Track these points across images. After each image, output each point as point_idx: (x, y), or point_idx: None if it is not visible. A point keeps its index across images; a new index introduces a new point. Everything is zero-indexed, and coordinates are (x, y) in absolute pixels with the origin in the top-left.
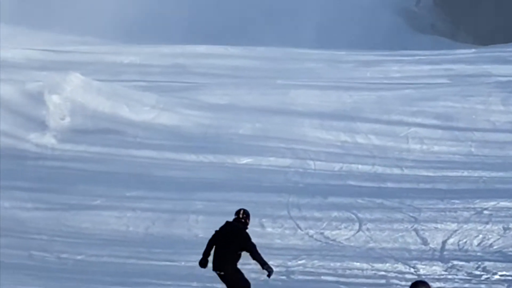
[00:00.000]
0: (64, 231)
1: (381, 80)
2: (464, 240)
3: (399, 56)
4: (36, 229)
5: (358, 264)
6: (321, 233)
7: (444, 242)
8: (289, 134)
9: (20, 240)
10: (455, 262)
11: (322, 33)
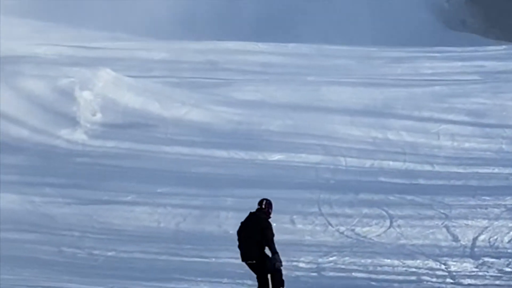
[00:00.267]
0: (95, 227)
1: (412, 77)
2: (495, 237)
3: (430, 53)
4: (67, 225)
5: (389, 261)
6: (352, 230)
7: (475, 239)
8: (320, 131)
9: (51, 236)
10: (486, 259)
11: (353, 30)
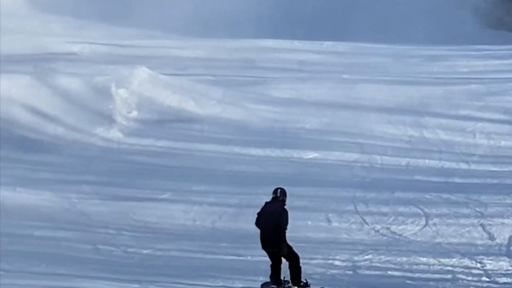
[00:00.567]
0: (131, 225)
1: (449, 75)
2: None
3: (467, 51)
4: (103, 223)
5: (425, 259)
6: (388, 228)
7: (511, 237)
8: (356, 129)
9: (87, 234)
10: None
11: (389, 28)
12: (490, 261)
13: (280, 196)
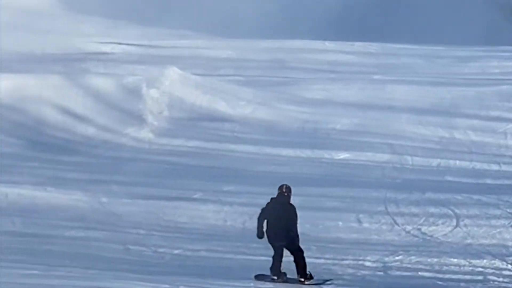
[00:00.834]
0: (162, 225)
1: (480, 76)
2: None
3: (498, 52)
4: (133, 223)
5: (455, 260)
6: (419, 229)
7: None
8: (387, 129)
9: (117, 234)
10: None
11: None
12: None
13: (286, 192)
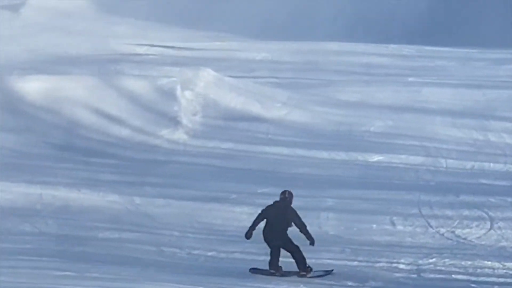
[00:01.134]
0: (196, 227)
1: None
2: None
3: None
4: (167, 225)
5: (489, 263)
6: (452, 232)
7: None
8: (421, 132)
9: (151, 236)
10: None
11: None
12: None
13: (288, 198)
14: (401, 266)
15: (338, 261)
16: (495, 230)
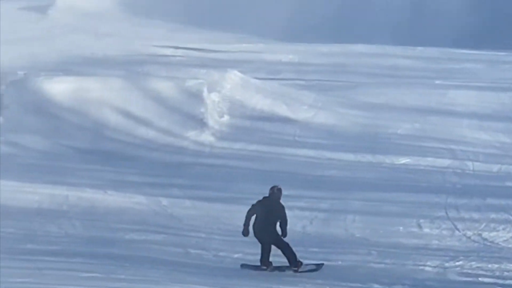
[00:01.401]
0: (222, 229)
1: None
2: None
3: None
4: (194, 227)
5: None
6: (479, 235)
7: None
8: (448, 135)
9: (178, 238)
10: None
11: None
12: None
13: (277, 193)
14: (428, 269)
15: (365, 263)
16: None
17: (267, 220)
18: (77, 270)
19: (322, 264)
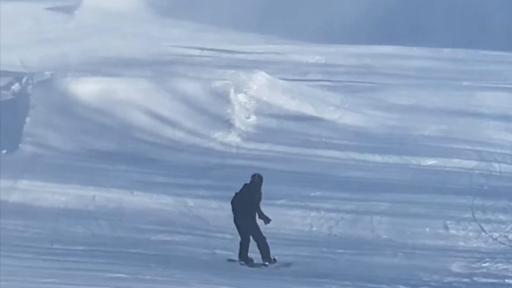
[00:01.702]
0: None
1: None
2: None
3: None
4: (220, 228)
5: None
6: (506, 236)
7: None
8: (475, 136)
9: (204, 239)
10: None
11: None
12: None
13: (258, 181)
14: (454, 270)
15: (391, 265)
16: None
17: (244, 204)
18: (103, 271)
19: (292, 263)
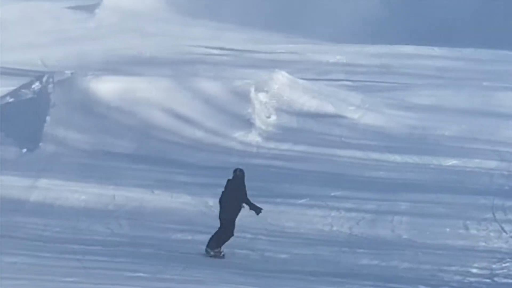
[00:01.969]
0: (268, 230)
1: None
2: None
3: None
4: (240, 227)
5: None
6: None
7: None
8: (495, 136)
9: None
10: None
11: None
12: None
13: (240, 175)
14: (474, 271)
15: (411, 265)
16: None
17: (231, 199)
18: (123, 270)
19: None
